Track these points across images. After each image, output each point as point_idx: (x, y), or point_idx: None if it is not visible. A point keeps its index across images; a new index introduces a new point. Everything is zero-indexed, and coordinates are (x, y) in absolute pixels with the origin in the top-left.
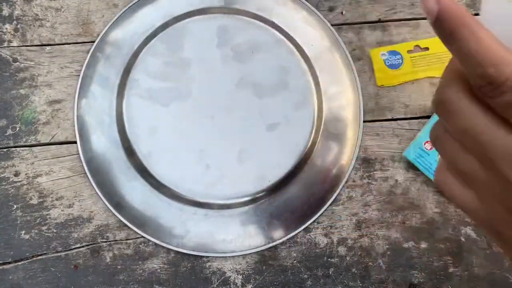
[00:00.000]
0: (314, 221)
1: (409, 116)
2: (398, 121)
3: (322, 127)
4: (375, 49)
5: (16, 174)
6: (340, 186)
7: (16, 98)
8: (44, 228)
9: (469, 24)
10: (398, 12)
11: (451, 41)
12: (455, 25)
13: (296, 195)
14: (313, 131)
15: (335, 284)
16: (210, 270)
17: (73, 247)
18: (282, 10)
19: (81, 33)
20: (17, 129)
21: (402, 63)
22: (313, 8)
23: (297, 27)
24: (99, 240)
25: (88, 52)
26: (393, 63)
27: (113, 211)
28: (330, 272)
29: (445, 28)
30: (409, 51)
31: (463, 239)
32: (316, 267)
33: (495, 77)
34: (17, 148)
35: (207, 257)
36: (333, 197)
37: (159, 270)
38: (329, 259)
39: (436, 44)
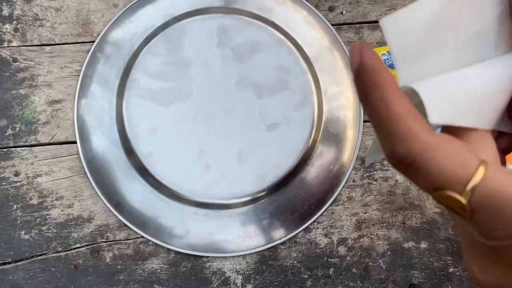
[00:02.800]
0: (314, 221)
1: None
2: None
3: (322, 127)
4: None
5: (16, 174)
6: (340, 186)
7: (16, 98)
8: (44, 228)
9: (380, 86)
10: None
11: (364, 102)
12: (368, 85)
13: (296, 195)
14: (313, 131)
15: (335, 284)
16: (210, 270)
17: (73, 247)
18: (282, 10)
19: (81, 33)
20: (17, 129)
21: None
22: (313, 8)
23: (297, 27)
24: (99, 240)
25: (88, 52)
26: (393, 63)
27: (113, 211)
28: (330, 272)
29: (360, 85)
30: None
31: None
32: (316, 267)
33: (404, 157)
34: (17, 148)
35: (207, 257)
36: (333, 197)
37: (159, 270)
38: (329, 259)
39: None
